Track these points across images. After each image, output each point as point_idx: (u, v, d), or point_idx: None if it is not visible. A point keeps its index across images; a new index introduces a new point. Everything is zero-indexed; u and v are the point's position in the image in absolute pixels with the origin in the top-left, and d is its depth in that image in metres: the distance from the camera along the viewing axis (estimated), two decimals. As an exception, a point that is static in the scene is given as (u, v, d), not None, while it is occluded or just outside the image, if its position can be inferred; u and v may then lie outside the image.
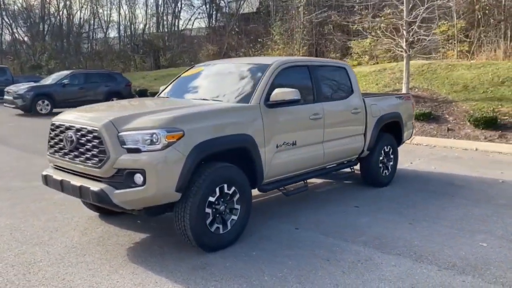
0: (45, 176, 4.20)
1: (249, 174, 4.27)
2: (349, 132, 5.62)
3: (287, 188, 5.01)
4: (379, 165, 6.21)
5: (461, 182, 6.63)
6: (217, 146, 3.93)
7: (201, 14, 38.48)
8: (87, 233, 4.47)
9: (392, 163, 6.48)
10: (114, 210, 4.37)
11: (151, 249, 4.07)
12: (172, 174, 3.58)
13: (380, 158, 6.21)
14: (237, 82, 4.89)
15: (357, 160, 6.08)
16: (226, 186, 3.99)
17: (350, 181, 6.67)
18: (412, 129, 7.13)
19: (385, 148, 6.30)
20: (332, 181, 6.71)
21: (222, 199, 4.01)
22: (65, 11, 38.89)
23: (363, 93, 6.25)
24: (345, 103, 5.58)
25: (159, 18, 37.92)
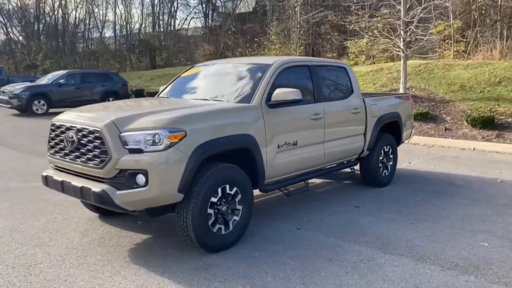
0: (45, 177, 4.16)
1: (251, 174, 4.25)
2: (349, 132, 5.62)
3: (288, 188, 5.01)
4: (379, 165, 6.21)
5: (460, 181, 6.65)
6: (219, 147, 3.91)
7: (197, 13, 38.42)
8: (88, 234, 4.44)
9: (391, 163, 6.49)
10: (115, 211, 4.34)
11: (152, 250, 4.05)
12: (174, 174, 3.56)
13: (380, 158, 6.22)
14: (237, 82, 4.87)
15: (357, 160, 6.08)
16: (228, 187, 3.97)
17: (350, 181, 6.67)
18: (411, 129, 7.14)
19: (385, 148, 6.31)
20: (331, 181, 6.71)
21: (224, 200, 3.99)
22: (60, 11, 38.76)
23: (362, 93, 6.25)
24: (345, 103, 5.57)
25: (155, 17, 37.83)
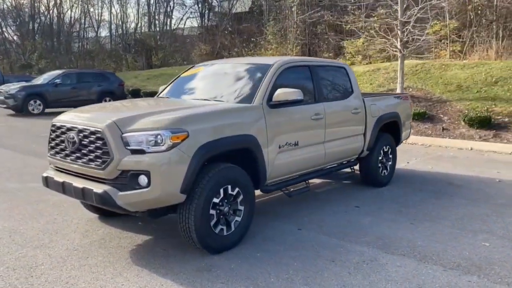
0: (45, 178, 4.12)
1: (252, 175, 4.24)
2: (350, 132, 5.62)
3: (288, 188, 5.01)
4: (378, 165, 6.22)
5: (458, 181, 6.67)
6: (221, 147, 3.90)
7: (193, 13, 38.32)
8: (88, 235, 4.41)
9: (391, 163, 6.50)
10: (116, 212, 4.31)
11: (154, 251, 4.03)
12: (177, 175, 3.54)
13: (379, 158, 6.23)
14: (238, 82, 4.86)
15: (357, 160, 6.09)
16: (230, 187, 3.96)
17: (349, 181, 6.67)
18: (410, 129, 7.15)
19: (384, 148, 6.32)
20: (331, 181, 6.71)
21: (226, 200, 3.98)
22: (55, 10, 38.59)
23: (361, 93, 6.25)
24: (346, 103, 5.57)
25: (151, 17, 37.74)
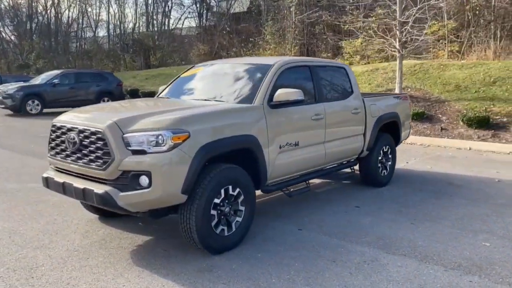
0: (46, 178, 4.10)
1: (253, 175, 4.24)
2: (350, 132, 5.62)
3: (288, 188, 5.00)
4: (378, 165, 6.23)
5: (458, 181, 6.68)
6: (222, 147, 3.89)
7: (191, 13, 38.29)
8: (88, 236, 4.40)
9: (390, 163, 6.50)
10: (116, 213, 4.30)
11: (155, 251, 4.02)
12: (178, 176, 3.53)
13: (379, 158, 6.23)
14: (238, 83, 4.85)
15: (357, 160, 6.09)
16: (231, 188, 3.95)
17: (349, 181, 6.67)
18: (409, 129, 7.16)
19: (384, 148, 6.32)
20: (331, 181, 6.71)
21: (227, 201, 3.97)
22: (53, 10, 38.51)
23: (361, 93, 6.25)
24: (346, 103, 5.57)
25: (149, 17, 37.70)
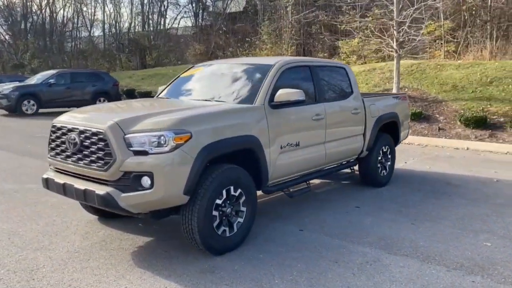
0: (45, 179, 4.07)
1: (254, 175, 4.22)
2: (350, 133, 5.62)
3: (289, 189, 4.98)
4: (378, 165, 6.23)
5: (456, 181, 6.69)
6: (224, 148, 3.87)
7: (187, 13, 38.19)
8: (89, 237, 4.36)
9: (390, 163, 6.51)
10: (116, 214, 4.27)
11: (156, 252, 4.00)
12: (180, 176, 3.51)
13: (379, 158, 6.23)
14: (239, 83, 4.83)
15: (356, 160, 6.09)
16: (232, 188, 3.94)
17: (348, 181, 6.67)
18: (408, 129, 7.17)
19: (383, 148, 6.33)
20: (330, 181, 6.70)
21: (229, 202, 3.95)
22: (47, 9, 38.28)
23: (360, 93, 6.25)
24: (346, 103, 5.57)
25: (144, 16, 37.56)
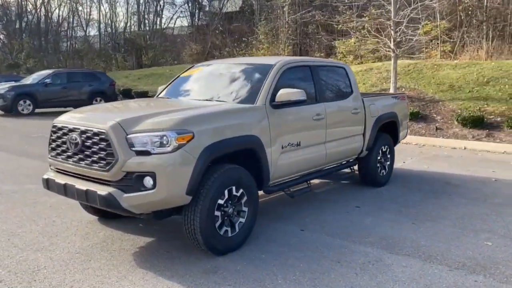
0: (46, 180, 4.04)
1: (255, 175, 4.21)
2: (350, 132, 5.62)
3: (290, 189, 4.98)
4: (377, 165, 6.23)
5: (455, 181, 6.71)
6: (226, 148, 3.86)
7: (183, 12, 38.12)
8: (89, 237, 4.34)
9: (389, 162, 6.52)
10: (116, 214, 4.25)
11: (158, 253, 3.98)
12: (182, 177, 3.50)
13: (378, 158, 6.24)
14: (239, 83, 4.82)
15: (356, 160, 6.09)
16: (234, 188, 3.93)
17: (348, 181, 6.68)
18: (407, 129, 7.19)
19: (383, 148, 6.34)
20: (329, 181, 6.71)
21: (230, 202, 3.95)
22: (43, 9, 38.08)
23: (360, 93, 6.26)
24: (346, 103, 5.57)
25: (140, 16, 37.43)
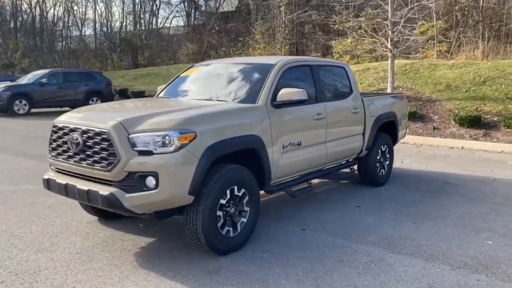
0: (47, 180, 4.01)
1: (257, 175, 4.20)
2: (350, 132, 5.62)
3: (290, 188, 4.98)
4: (377, 164, 6.24)
5: (454, 180, 6.73)
6: (228, 147, 3.85)
7: (179, 12, 38.01)
8: (90, 238, 4.31)
9: (388, 162, 6.53)
10: (116, 214, 4.23)
11: (159, 253, 3.96)
12: (185, 177, 3.49)
13: (378, 157, 6.25)
14: (240, 82, 4.81)
15: (356, 159, 6.10)
16: (236, 188, 3.92)
17: (347, 181, 6.69)
18: (405, 129, 7.21)
19: (382, 147, 6.35)
20: (329, 181, 6.71)
21: (232, 202, 3.94)
22: (37, 8, 37.85)
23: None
24: (346, 103, 5.58)
25: (136, 16, 37.29)
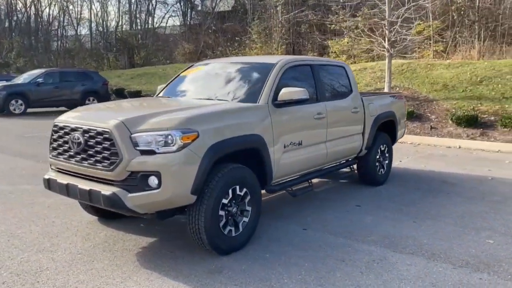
0: (47, 180, 3.99)
1: (258, 174, 4.20)
2: (349, 132, 5.63)
3: (291, 188, 4.97)
4: (376, 164, 6.25)
5: (452, 180, 6.75)
6: (230, 147, 3.85)
7: (175, 11, 37.95)
8: (90, 238, 4.29)
9: (387, 161, 6.54)
10: (117, 214, 4.21)
11: (161, 253, 3.95)
12: (187, 176, 3.48)
13: (377, 157, 6.26)
14: (241, 82, 4.81)
15: (355, 159, 6.10)
16: (238, 188, 3.91)
17: (347, 180, 6.69)
18: (404, 128, 7.23)
19: (381, 147, 6.36)
20: (328, 180, 6.71)
21: (234, 201, 3.93)
22: (33, 7, 37.64)
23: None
24: (346, 102, 5.58)
25: (132, 15, 37.15)
